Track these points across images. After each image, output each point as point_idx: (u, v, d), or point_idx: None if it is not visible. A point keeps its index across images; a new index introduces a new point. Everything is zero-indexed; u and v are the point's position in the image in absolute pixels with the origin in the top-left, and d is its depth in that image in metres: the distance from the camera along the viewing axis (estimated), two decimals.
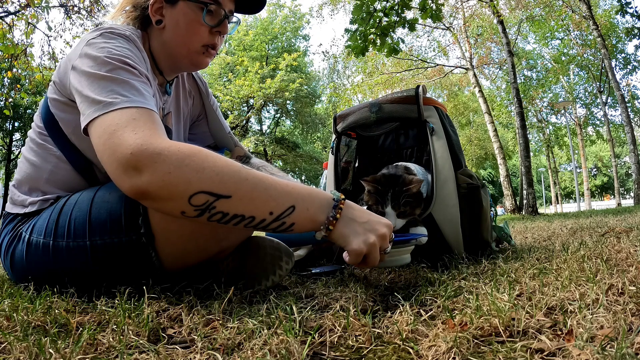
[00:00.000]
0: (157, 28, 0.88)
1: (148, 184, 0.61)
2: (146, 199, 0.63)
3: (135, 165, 0.61)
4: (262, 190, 0.65)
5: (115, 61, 0.72)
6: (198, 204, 0.62)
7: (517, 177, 17.81)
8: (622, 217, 2.87)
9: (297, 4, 17.65)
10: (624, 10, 6.52)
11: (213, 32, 0.89)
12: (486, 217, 1.19)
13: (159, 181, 0.60)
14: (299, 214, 0.67)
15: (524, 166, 7.26)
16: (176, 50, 0.89)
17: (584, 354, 0.41)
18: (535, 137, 17.41)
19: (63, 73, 0.78)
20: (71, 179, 0.83)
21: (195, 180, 0.61)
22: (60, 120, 0.81)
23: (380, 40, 4.30)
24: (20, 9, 5.22)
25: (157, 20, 0.87)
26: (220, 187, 0.62)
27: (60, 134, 0.82)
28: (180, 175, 0.61)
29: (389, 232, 0.71)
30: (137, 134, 0.62)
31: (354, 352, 0.49)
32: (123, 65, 0.72)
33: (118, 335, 0.52)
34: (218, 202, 0.62)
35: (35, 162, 0.83)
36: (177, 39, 0.88)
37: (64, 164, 0.82)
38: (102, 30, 0.77)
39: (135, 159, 0.60)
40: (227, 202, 0.63)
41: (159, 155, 0.61)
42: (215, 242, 0.78)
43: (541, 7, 11.41)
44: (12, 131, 17.40)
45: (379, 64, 11.92)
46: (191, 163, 0.62)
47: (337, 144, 1.42)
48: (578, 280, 0.69)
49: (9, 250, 0.80)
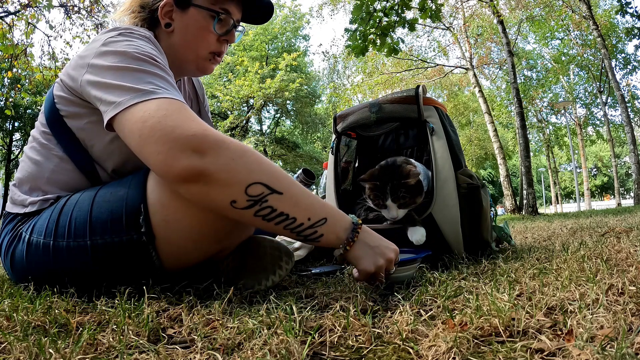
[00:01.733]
0: (165, 31, 0.88)
1: (211, 164, 0.62)
2: (200, 181, 0.63)
3: (197, 147, 0.62)
4: (306, 196, 0.70)
5: (146, 57, 0.72)
6: (254, 194, 0.65)
7: (517, 177, 17.82)
8: (622, 217, 2.87)
9: (297, 4, 17.64)
10: (624, 10, 6.52)
11: (221, 40, 0.90)
12: (486, 217, 1.19)
13: (223, 164, 0.63)
14: (328, 228, 0.71)
15: (524, 166, 7.26)
16: (184, 55, 0.90)
17: (584, 354, 0.41)
18: (535, 137, 17.42)
19: (74, 71, 0.76)
20: (73, 179, 0.83)
21: (257, 170, 0.65)
22: (68, 116, 0.80)
23: (380, 40, 4.30)
24: (20, 8, 5.21)
25: (166, 23, 0.88)
26: (276, 183, 0.66)
27: (65, 131, 0.80)
28: (243, 164, 0.64)
29: (396, 256, 0.77)
30: (194, 122, 0.64)
31: (354, 352, 0.49)
32: (153, 62, 0.73)
33: (118, 335, 0.52)
34: (271, 196, 0.66)
35: (37, 161, 0.82)
36: (185, 43, 0.88)
37: (66, 164, 0.82)
38: (121, 30, 0.77)
39: (197, 140, 0.62)
40: (279, 198, 0.66)
41: (222, 142, 0.64)
42: (215, 242, 0.78)
43: (541, 7, 11.41)
44: (12, 131, 17.40)
45: (379, 64, 11.92)
46: (252, 156, 0.66)
47: (337, 144, 1.42)
48: (578, 280, 0.69)
49: (9, 250, 0.80)
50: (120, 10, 0.91)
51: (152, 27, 0.90)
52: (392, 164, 1.13)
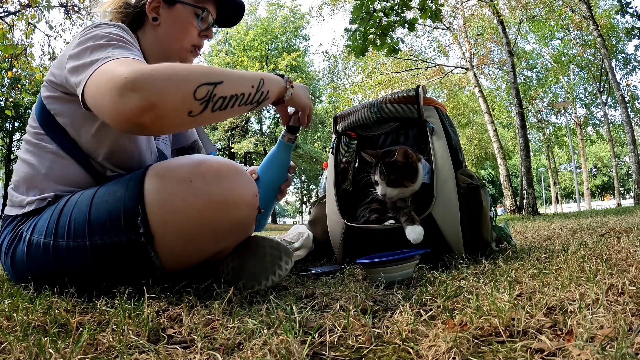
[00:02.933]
0: (152, 24, 0.96)
1: (152, 96, 0.63)
2: (152, 114, 0.64)
3: (134, 87, 0.63)
4: (237, 72, 0.78)
5: (113, 37, 0.77)
6: (202, 96, 0.68)
7: (517, 177, 17.81)
8: (622, 217, 2.87)
9: (297, 4, 17.65)
10: (624, 10, 6.52)
11: (201, 35, 1.00)
12: (486, 217, 1.19)
13: (161, 89, 0.64)
14: (269, 84, 0.82)
15: (524, 166, 7.26)
16: (169, 45, 0.97)
17: (584, 354, 0.41)
18: (535, 137, 17.42)
19: (58, 68, 0.80)
20: (70, 172, 0.83)
21: (192, 77, 0.68)
22: (58, 114, 0.83)
23: (380, 40, 4.30)
24: (20, 8, 5.21)
25: (153, 17, 0.95)
26: (212, 77, 0.70)
27: (57, 127, 0.83)
28: (178, 79, 0.66)
29: None
30: (126, 66, 0.67)
31: (354, 352, 0.49)
32: (120, 41, 0.77)
33: (118, 335, 0.52)
34: (216, 88, 0.70)
35: (32, 161, 0.84)
36: (172, 34, 0.96)
37: (61, 159, 0.83)
38: (97, 23, 0.83)
39: (131, 81, 0.63)
40: (222, 87, 0.71)
41: (152, 71, 0.65)
42: (214, 242, 0.78)
43: (541, 7, 11.40)
44: (12, 131, 17.41)
45: (379, 64, 11.92)
46: (181, 68, 0.69)
47: (337, 144, 1.42)
48: (578, 280, 0.69)
49: (9, 250, 0.80)
50: (105, 4, 0.97)
51: (136, 22, 0.97)
52: (390, 149, 1.21)
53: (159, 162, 0.80)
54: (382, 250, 1.05)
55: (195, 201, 0.72)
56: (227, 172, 0.75)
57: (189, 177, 0.73)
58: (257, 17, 17.88)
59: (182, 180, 0.73)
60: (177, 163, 0.76)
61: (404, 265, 0.89)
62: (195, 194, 0.72)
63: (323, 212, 1.40)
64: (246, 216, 0.79)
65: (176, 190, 0.72)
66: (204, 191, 0.72)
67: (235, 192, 0.75)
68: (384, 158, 1.18)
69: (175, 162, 0.77)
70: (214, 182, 0.74)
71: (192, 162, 0.75)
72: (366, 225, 1.20)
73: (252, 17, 17.91)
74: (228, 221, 0.76)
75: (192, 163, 0.75)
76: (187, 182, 0.72)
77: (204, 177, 0.73)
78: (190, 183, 0.72)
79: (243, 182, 0.77)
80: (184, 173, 0.73)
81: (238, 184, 0.76)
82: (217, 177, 0.74)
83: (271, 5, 17.25)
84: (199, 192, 0.72)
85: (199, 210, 0.72)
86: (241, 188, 0.76)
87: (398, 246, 1.08)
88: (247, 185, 0.78)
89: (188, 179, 0.73)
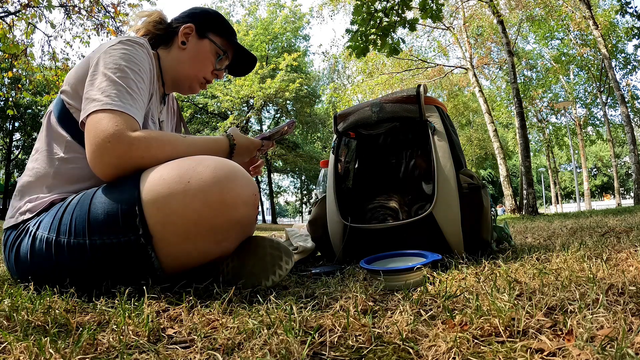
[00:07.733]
0: (179, 46, 1.05)
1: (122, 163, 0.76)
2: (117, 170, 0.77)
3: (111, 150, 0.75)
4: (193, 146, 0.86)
5: (129, 71, 0.83)
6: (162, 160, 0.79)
7: (517, 177, 17.82)
8: (622, 217, 2.87)
9: (297, 4, 17.60)
10: (624, 10, 6.51)
11: (214, 73, 1.11)
12: (487, 218, 1.19)
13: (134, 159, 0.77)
14: None
15: (524, 166, 7.26)
16: (186, 70, 1.06)
17: (584, 354, 0.41)
18: (535, 137, 17.43)
19: (82, 76, 0.85)
20: (81, 167, 0.85)
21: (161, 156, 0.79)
22: (75, 112, 0.87)
23: (381, 41, 4.29)
24: (20, 8, 5.21)
25: (182, 41, 1.05)
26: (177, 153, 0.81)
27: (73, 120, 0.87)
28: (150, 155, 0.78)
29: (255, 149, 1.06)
30: (115, 127, 0.76)
31: (354, 352, 0.49)
32: (133, 80, 0.83)
33: (118, 335, 0.52)
34: None
35: (38, 168, 0.86)
36: (192, 62, 1.06)
37: (74, 153, 0.86)
38: (121, 39, 0.88)
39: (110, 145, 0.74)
40: None
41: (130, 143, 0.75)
42: (214, 242, 0.78)
43: (541, 7, 11.40)
44: (12, 131, 17.40)
45: (379, 64, 11.92)
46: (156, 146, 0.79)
47: (338, 143, 1.42)
48: (578, 280, 0.69)
49: (14, 244, 0.81)
50: (144, 14, 1.07)
51: (164, 39, 1.06)
52: None
53: None
54: (382, 250, 1.05)
55: (193, 201, 0.72)
56: (224, 172, 0.75)
57: (186, 177, 0.73)
58: (258, 17, 17.88)
59: (179, 180, 0.73)
60: (174, 163, 0.76)
61: (417, 273, 0.84)
62: (192, 194, 0.72)
63: (323, 212, 1.40)
64: (245, 216, 0.79)
65: (173, 191, 0.72)
66: (201, 191, 0.72)
67: (232, 192, 0.75)
68: None
69: (172, 162, 0.77)
70: (211, 182, 0.73)
71: (190, 163, 0.75)
72: (370, 225, 1.20)
73: (252, 17, 17.91)
74: (226, 221, 0.76)
75: (189, 163, 0.75)
76: (184, 182, 0.72)
77: (200, 177, 0.73)
78: (187, 183, 0.72)
79: (241, 182, 0.77)
80: (181, 173, 0.73)
81: (235, 183, 0.76)
82: (214, 177, 0.74)
83: (271, 6, 17.24)
84: (196, 193, 0.72)
85: (197, 210, 0.72)
86: (239, 188, 0.76)
87: (399, 246, 1.07)
88: (245, 185, 0.78)
89: (185, 179, 0.73)
